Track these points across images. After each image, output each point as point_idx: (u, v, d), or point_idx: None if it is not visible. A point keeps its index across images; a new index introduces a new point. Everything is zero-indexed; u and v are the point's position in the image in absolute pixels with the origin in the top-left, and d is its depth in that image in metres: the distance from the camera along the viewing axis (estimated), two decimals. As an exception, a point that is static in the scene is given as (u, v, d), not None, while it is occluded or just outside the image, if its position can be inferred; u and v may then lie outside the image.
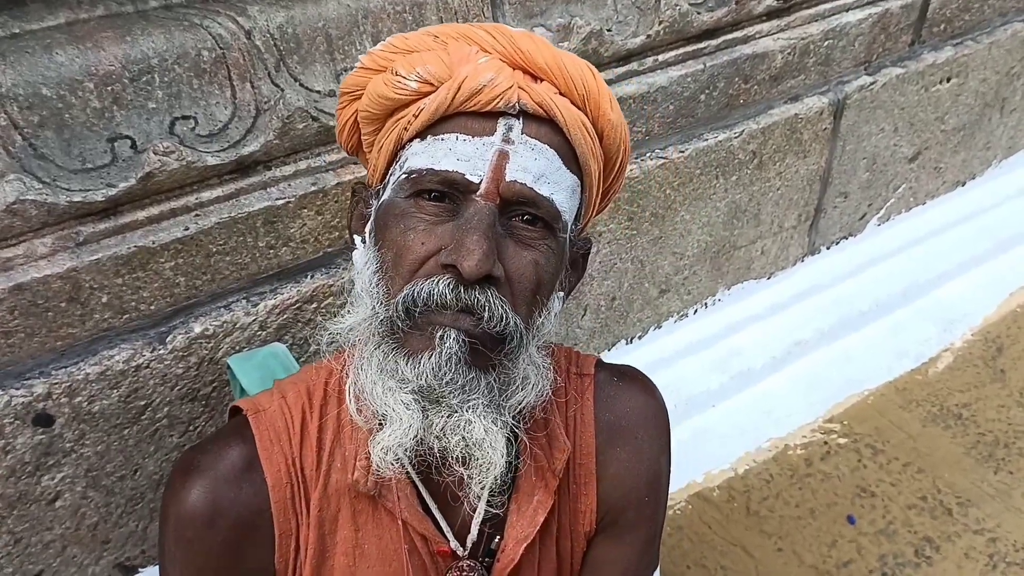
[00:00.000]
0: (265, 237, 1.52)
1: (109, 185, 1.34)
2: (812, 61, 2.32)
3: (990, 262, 3.09)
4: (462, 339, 0.96)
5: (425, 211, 0.99)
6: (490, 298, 0.96)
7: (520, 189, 0.97)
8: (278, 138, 1.47)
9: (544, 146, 0.99)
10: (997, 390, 2.66)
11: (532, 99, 0.97)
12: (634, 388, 1.24)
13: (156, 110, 1.39)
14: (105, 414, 1.46)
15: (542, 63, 0.99)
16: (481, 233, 0.94)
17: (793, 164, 2.43)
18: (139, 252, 1.39)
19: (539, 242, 1.00)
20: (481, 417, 0.99)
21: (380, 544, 1.12)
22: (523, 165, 0.97)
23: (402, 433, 0.99)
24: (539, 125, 0.99)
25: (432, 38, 1.02)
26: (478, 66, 0.97)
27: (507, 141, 0.97)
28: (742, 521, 2.24)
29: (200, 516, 1.05)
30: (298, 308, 1.59)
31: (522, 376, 1.03)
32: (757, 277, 2.62)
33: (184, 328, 1.49)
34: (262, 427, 1.10)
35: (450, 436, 1.00)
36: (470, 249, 0.93)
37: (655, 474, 1.24)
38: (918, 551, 2.19)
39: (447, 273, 0.96)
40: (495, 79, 0.96)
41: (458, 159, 0.97)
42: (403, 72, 1.00)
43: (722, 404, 2.49)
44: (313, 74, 1.52)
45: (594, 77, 1.03)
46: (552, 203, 1.00)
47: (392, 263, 1.00)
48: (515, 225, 0.99)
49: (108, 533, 1.58)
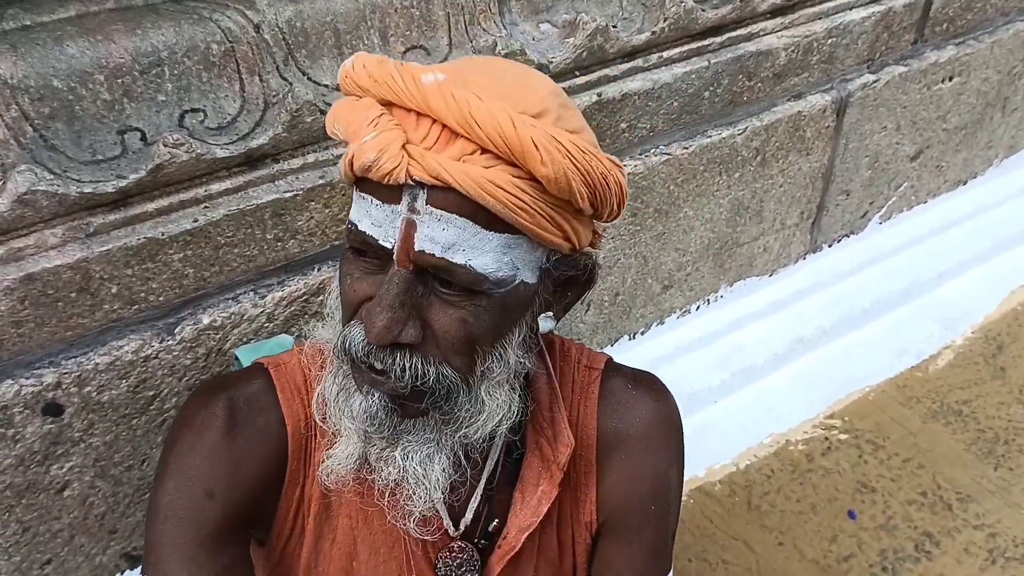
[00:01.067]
0: (273, 229, 1.53)
1: (119, 177, 1.35)
2: (815, 59, 2.33)
3: (991, 261, 3.11)
4: (384, 400, 0.99)
5: (359, 264, 0.98)
6: (398, 360, 0.96)
7: (429, 259, 0.93)
8: (286, 131, 1.48)
9: (452, 215, 0.92)
10: (997, 387, 2.67)
11: (426, 172, 0.90)
12: (646, 397, 1.24)
13: (166, 103, 1.40)
14: (114, 404, 1.47)
15: (453, 122, 0.91)
16: (387, 304, 0.93)
17: (796, 161, 2.44)
18: (148, 243, 1.40)
19: (463, 302, 0.97)
20: (412, 455, 1.03)
21: (381, 513, 1.13)
22: (430, 236, 0.92)
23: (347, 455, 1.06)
24: (446, 193, 0.91)
25: (372, 81, 0.94)
26: (363, 145, 0.91)
27: (412, 211, 0.92)
28: (743, 515, 2.25)
29: (224, 423, 1.08)
30: (305, 300, 1.60)
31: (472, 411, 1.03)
32: (759, 274, 2.63)
33: (192, 319, 1.50)
34: (283, 379, 1.13)
35: (383, 466, 1.05)
36: (373, 319, 0.93)
37: (662, 479, 1.23)
38: (918, 546, 2.21)
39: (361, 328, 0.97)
40: (379, 159, 0.90)
41: (372, 223, 0.94)
42: (333, 121, 0.98)
43: (724, 400, 2.50)
44: (321, 68, 1.53)
45: (514, 127, 0.90)
46: (471, 270, 0.94)
47: (342, 299, 1.02)
48: (435, 286, 0.96)
49: (116, 523, 1.59)
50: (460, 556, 1.17)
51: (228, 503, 1.07)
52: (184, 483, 1.06)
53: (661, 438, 1.23)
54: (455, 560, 1.17)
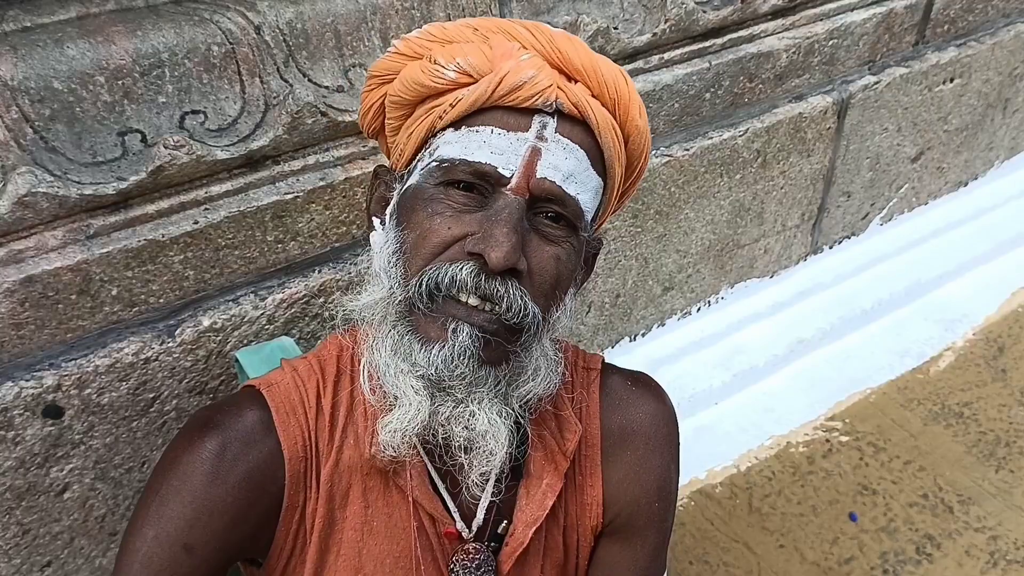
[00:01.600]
0: (273, 231, 1.53)
1: (120, 178, 1.35)
2: (817, 60, 2.33)
3: (992, 262, 3.11)
4: (475, 334, 0.98)
5: (453, 199, 1.00)
6: (510, 289, 0.98)
7: (549, 187, 0.99)
8: (287, 133, 1.48)
9: (575, 146, 1.00)
10: (998, 389, 2.67)
11: (569, 99, 0.99)
12: (647, 395, 1.26)
13: (166, 104, 1.40)
14: (114, 406, 1.46)
15: (578, 65, 1.00)
16: (510, 226, 0.96)
17: (797, 163, 2.44)
18: (149, 245, 1.40)
19: (562, 239, 1.02)
20: (486, 409, 1.02)
21: (389, 522, 1.13)
22: (554, 163, 0.99)
23: (410, 417, 1.02)
24: (572, 125, 1.00)
25: (472, 30, 1.03)
26: (520, 63, 0.98)
27: (540, 138, 0.99)
28: (744, 518, 2.25)
29: (211, 468, 1.05)
30: (306, 302, 1.60)
31: (533, 367, 1.05)
32: (760, 276, 2.63)
33: (193, 321, 1.49)
34: (277, 400, 1.10)
35: (454, 425, 1.03)
36: (499, 240, 0.95)
37: (665, 479, 1.25)
38: (919, 548, 2.20)
39: (471, 260, 0.97)
40: (536, 76, 0.98)
41: (492, 152, 0.99)
42: (442, 61, 1.01)
43: (725, 402, 2.50)
44: (322, 69, 1.53)
45: (626, 83, 1.04)
46: (578, 202, 1.01)
47: (414, 244, 1.01)
48: (540, 221, 1.01)
49: (116, 525, 1.59)
50: (477, 558, 1.16)
51: (208, 557, 1.06)
52: (163, 536, 1.04)
53: (663, 434, 1.25)
54: (473, 562, 1.15)
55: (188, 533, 1.04)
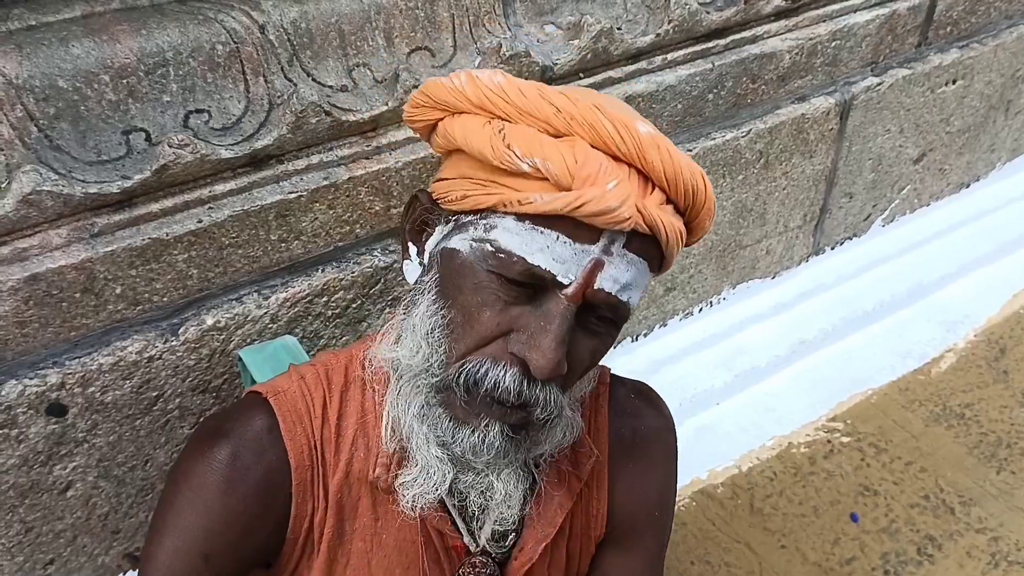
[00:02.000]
0: (277, 230, 1.53)
1: (124, 177, 1.35)
2: (819, 61, 2.33)
3: (994, 264, 3.11)
4: (506, 431, 0.99)
5: (504, 291, 0.96)
6: (548, 395, 0.97)
7: (605, 297, 0.96)
8: (291, 132, 1.48)
9: (638, 259, 0.97)
10: (1000, 391, 2.67)
11: (645, 221, 0.94)
12: (650, 407, 1.28)
13: (171, 103, 1.40)
14: (117, 404, 1.47)
15: (661, 176, 0.94)
16: (560, 339, 0.93)
17: (799, 164, 2.44)
18: (153, 244, 1.40)
19: (603, 334, 1.01)
20: (504, 480, 1.04)
21: (398, 535, 1.13)
22: (615, 276, 0.95)
23: (433, 484, 1.03)
24: (642, 239, 0.96)
25: (553, 111, 0.94)
26: (606, 193, 0.90)
27: (607, 252, 0.95)
28: (746, 518, 2.25)
29: (224, 477, 1.05)
30: (309, 301, 1.60)
31: (551, 432, 1.05)
32: (762, 276, 2.63)
33: (196, 320, 1.50)
34: (284, 408, 1.10)
35: (472, 492, 1.06)
36: (546, 353, 0.93)
37: (666, 489, 1.28)
38: (920, 549, 2.20)
39: (515, 364, 0.96)
40: (619, 209, 0.91)
41: (554, 259, 0.93)
42: (518, 152, 0.93)
43: (726, 402, 2.50)
44: (326, 69, 1.53)
45: (705, 188, 0.99)
46: (628, 307, 1.00)
47: (460, 327, 0.98)
48: (588, 320, 0.98)
49: (119, 523, 1.59)
50: (484, 571, 1.16)
51: (225, 565, 1.07)
52: (182, 547, 1.05)
53: (664, 444, 1.28)
54: (479, 575, 1.17)
55: (205, 543, 1.05)
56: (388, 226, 1.67)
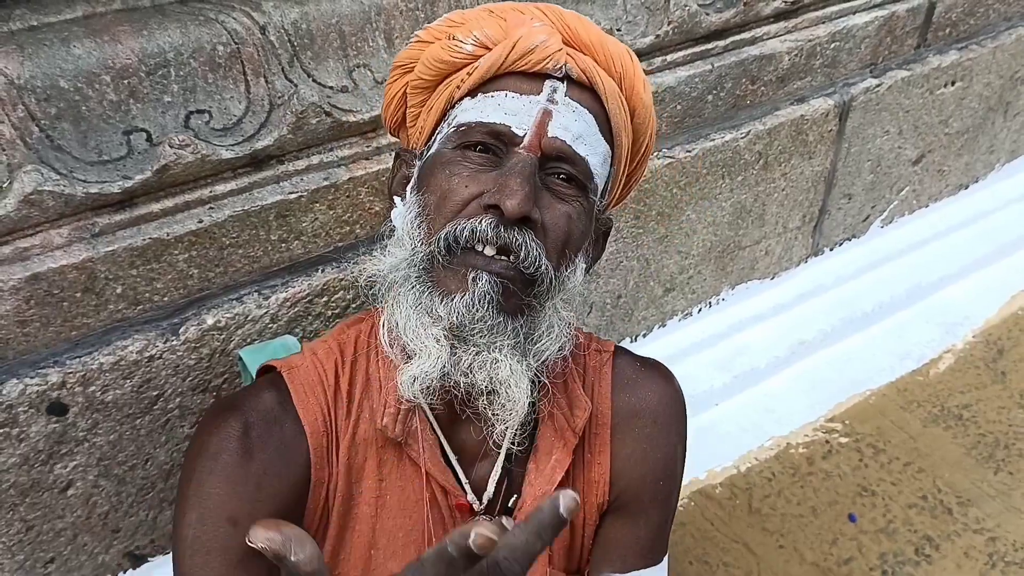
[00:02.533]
0: (277, 231, 1.53)
1: (125, 177, 1.36)
2: (818, 63, 2.33)
3: (992, 265, 3.11)
4: (494, 280, 1.02)
5: (470, 160, 1.06)
6: (527, 239, 1.03)
7: (560, 145, 1.05)
8: (291, 133, 1.49)
9: (584, 110, 1.07)
10: (998, 392, 2.68)
11: (577, 65, 1.06)
12: (655, 376, 1.29)
13: (171, 103, 1.40)
14: (118, 404, 1.47)
15: (587, 39, 1.08)
16: (523, 177, 1.02)
17: (798, 165, 2.45)
18: (153, 244, 1.41)
19: (572, 198, 1.08)
20: (507, 357, 1.05)
21: (402, 495, 1.15)
22: (564, 124, 1.06)
23: (431, 364, 1.04)
24: (580, 91, 1.08)
25: (487, 12, 1.10)
26: (532, 28, 1.06)
27: (551, 101, 1.06)
28: (744, 518, 2.26)
29: (240, 445, 1.08)
30: (309, 301, 1.60)
31: (547, 324, 1.09)
32: (761, 277, 2.64)
33: (197, 320, 1.50)
34: (296, 381, 1.14)
35: (476, 373, 1.05)
36: (513, 190, 1.01)
37: (671, 459, 1.28)
38: (918, 550, 2.21)
39: (489, 213, 1.02)
40: (547, 41, 1.05)
41: (506, 113, 1.05)
42: (460, 36, 1.08)
43: (725, 402, 2.50)
44: (326, 70, 1.53)
45: (631, 59, 1.13)
46: (587, 163, 1.08)
47: (435, 205, 1.07)
48: (552, 180, 1.07)
49: (119, 522, 1.59)
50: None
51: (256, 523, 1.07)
52: (206, 514, 1.06)
53: (671, 415, 1.28)
54: None
55: (229, 506, 1.06)
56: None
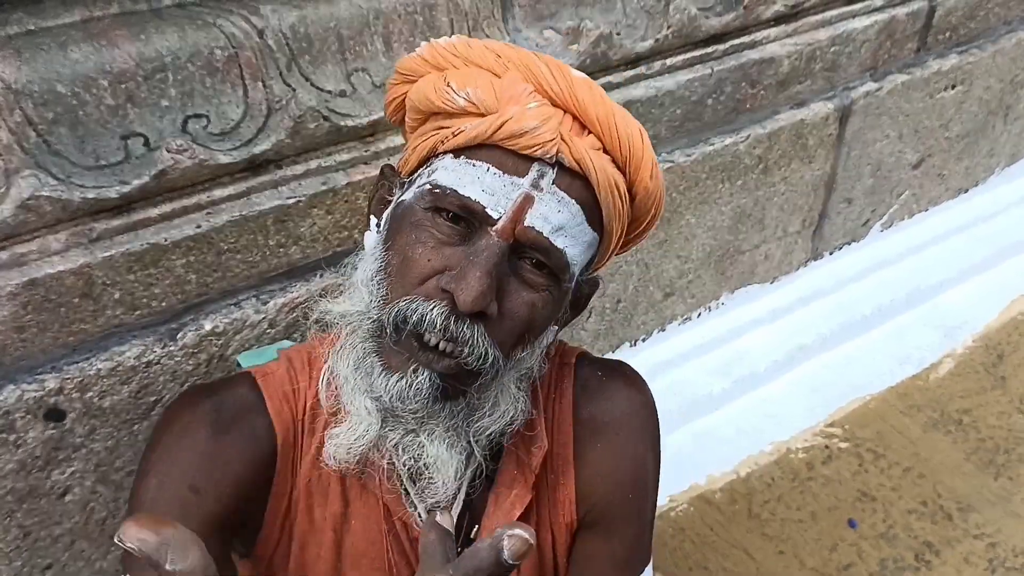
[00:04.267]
0: (276, 236, 1.53)
1: (123, 182, 1.35)
2: (819, 67, 2.33)
3: (992, 269, 3.11)
4: (434, 379, 0.98)
5: (439, 228, 0.99)
6: (475, 335, 0.97)
7: (535, 236, 0.97)
8: (289, 137, 1.48)
9: (571, 200, 0.98)
10: (998, 397, 2.67)
11: (571, 155, 0.96)
12: (618, 383, 1.25)
13: (169, 108, 1.40)
14: (115, 409, 1.46)
15: (594, 116, 0.98)
16: (485, 270, 0.94)
17: (798, 169, 2.44)
18: (151, 249, 1.40)
19: (541, 287, 1.01)
20: (436, 442, 1.03)
21: (367, 522, 1.13)
22: (545, 214, 0.97)
23: (358, 435, 1.03)
24: (572, 178, 0.98)
25: (494, 57, 1.00)
26: (526, 111, 0.95)
27: (536, 187, 0.97)
28: (744, 523, 2.25)
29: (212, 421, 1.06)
30: (307, 307, 1.60)
31: (492, 403, 1.05)
32: (761, 281, 2.63)
33: (195, 325, 1.50)
34: (271, 388, 1.12)
35: (401, 453, 1.04)
36: (470, 283, 0.93)
37: (641, 469, 1.24)
38: (918, 556, 2.20)
39: (443, 299, 0.96)
40: (538, 129, 0.95)
41: (483, 190, 0.96)
42: (454, 86, 0.99)
43: (725, 407, 2.50)
44: (324, 74, 1.53)
45: (642, 140, 1.02)
46: (564, 256, 1.00)
47: (396, 270, 1.00)
48: (523, 266, 1.00)
49: (116, 528, 1.58)
50: None
51: (215, 499, 1.04)
52: (167, 479, 1.04)
53: (637, 423, 1.24)
54: None
55: (193, 475, 1.04)
56: (387, 231, 1.67)
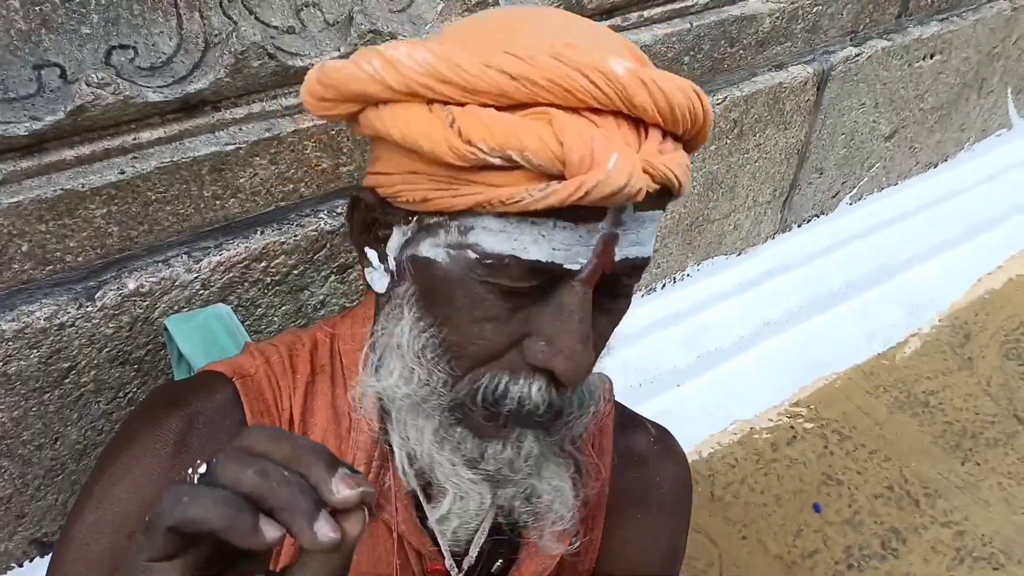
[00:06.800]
0: (211, 186, 1.37)
1: (33, 118, 1.18)
2: (800, 27, 2.20)
3: (959, 247, 3.03)
4: (540, 436, 0.84)
5: (506, 299, 0.78)
6: (579, 392, 0.83)
7: (630, 264, 0.79)
8: (229, 76, 1.32)
9: (653, 213, 0.80)
10: (965, 378, 2.60)
11: (655, 179, 0.75)
12: (666, 456, 1.14)
13: (90, 36, 1.22)
14: (22, 376, 1.30)
15: (656, 117, 0.76)
16: (584, 336, 0.76)
17: (773, 136, 2.32)
18: (66, 196, 1.23)
19: (618, 305, 0.84)
20: (547, 479, 0.88)
21: (371, 555, 0.96)
22: (634, 241, 0.79)
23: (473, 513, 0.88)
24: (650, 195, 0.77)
25: (507, 79, 0.72)
26: (610, 175, 0.71)
27: (617, 223, 0.77)
28: (706, 507, 2.15)
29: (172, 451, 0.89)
30: (246, 266, 1.44)
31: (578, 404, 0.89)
32: (728, 253, 2.52)
33: (116, 283, 1.33)
34: (251, 395, 0.94)
35: (520, 508, 0.89)
36: (573, 357, 0.76)
37: (672, 550, 1.14)
38: (884, 543, 2.12)
39: (538, 374, 0.79)
40: (629, 185, 0.71)
41: (554, 248, 0.75)
42: (483, 146, 0.71)
43: (688, 383, 2.38)
44: (271, 7, 1.37)
45: (702, 106, 0.80)
46: (649, 259, 0.83)
47: (459, 346, 0.81)
48: (604, 293, 0.81)
49: (24, 507, 1.43)
50: None
51: None
52: (106, 521, 0.87)
53: (680, 504, 1.14)
54: None
55: (136, 521, 0.86)
56: (336, 186, 1.51)
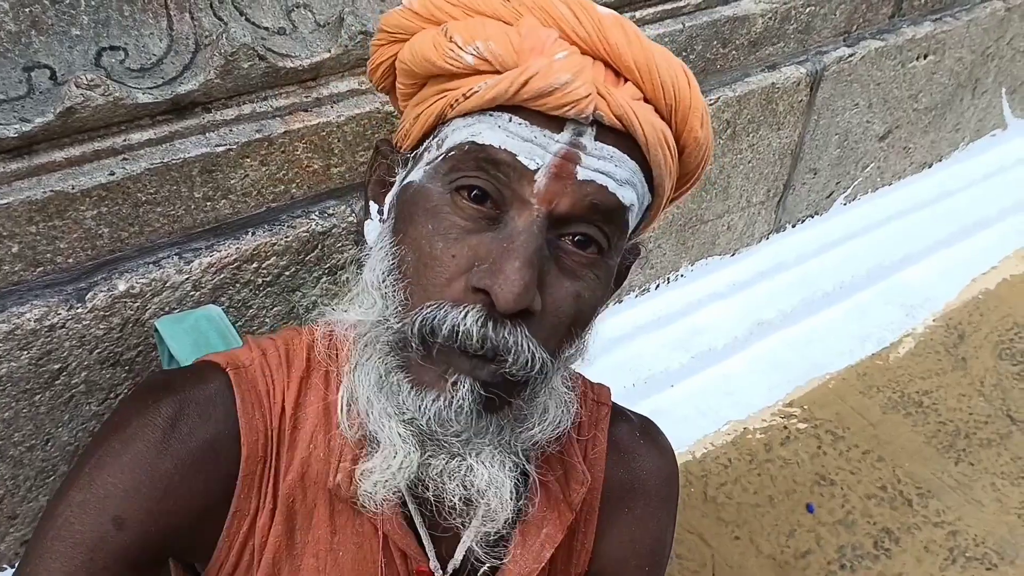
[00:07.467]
0: (202, 187, 1.37)
1: (23, 120, 1.18)
2: (792, 28, 2.20)
3: (953, 247, 3.03)
4: (476, 390, 0.82)
5: (462, 212, 0.81)
6: (519, 339, 0.81)
7: (596, 192, 0.80)
8: (220, 77, 1.32)
9: (625, 157, 0.81)
10: (958, 378, 2.60)
11: (611, 110, 0.78)
12: (653, 448, 1.14)
13: (80, 38, 1.22)
14: (13, 378, 1.30)
15: (630, 61, 0.79)
16: (525, 259, 0.77)
17: (766, 136, 2.32)
18: (56, 197, 1.23)
19: (586, 271, 0.84)
20: (486, 462, 0.86)
21: (357, 553, 0.97)
22: (601, 168, 0.80)
23: (395, 468, 0.86)
24: (616, 136, 0.80)
25: (500, 1, 0.82)
26: (553, 63, 0.77)
27: (576, 145, 0.79)
28: (699, 507, 2.15)
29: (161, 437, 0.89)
30: (237, 268, 1.44)
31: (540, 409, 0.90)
32: (721, 253, 2.52)
33: (107, 285, 1.33)
34: (243, 386, 0.94)
35: (447, 481, 0.87)
36: (509, 277, 0.77)
37: (659, 542, 1.14)
38: (877, 543, 2.12)
39: (477, 300, 0.80)
40: (571, 83, 0.77)
41: (508, 136, 0.79)
42: (459, 41, 0.81)
43: (681, 384, 2.38)
44: (261, 8, 1.36)
45: (688, 84, 0.84)
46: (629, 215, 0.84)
47: (414, 268, 0.83)
48: (562, 247, 0.82)
49: (15, 508, 1.43)
50: None
51: (140, 536, 0.87)
52: (91, 502, 0.86)
53: (666, 496, 1.14)
54: None
55: (121, 505, 0.86)
56: (327, 187, 1.51)
